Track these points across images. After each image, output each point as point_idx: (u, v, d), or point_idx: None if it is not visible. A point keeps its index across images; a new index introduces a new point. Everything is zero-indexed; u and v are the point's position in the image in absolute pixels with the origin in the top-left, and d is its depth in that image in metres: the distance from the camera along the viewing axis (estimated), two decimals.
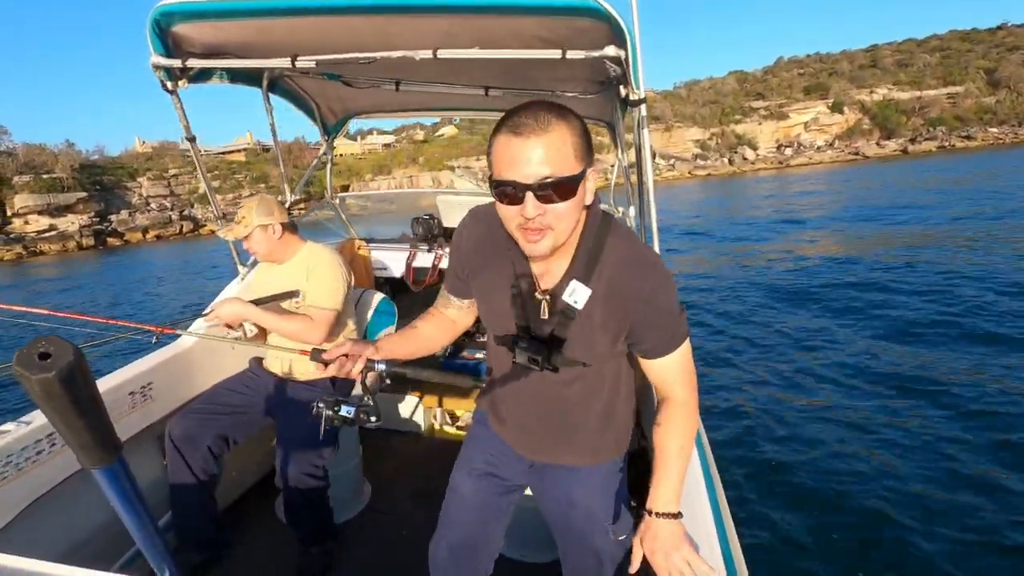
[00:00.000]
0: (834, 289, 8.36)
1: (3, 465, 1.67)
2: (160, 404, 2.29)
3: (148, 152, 57.51)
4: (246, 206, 2.21)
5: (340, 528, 2.38)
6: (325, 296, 2.19)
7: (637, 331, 1.21)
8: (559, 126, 1.02)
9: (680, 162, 58.71)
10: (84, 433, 0.59)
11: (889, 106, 62.25)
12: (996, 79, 61.89)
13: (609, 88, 2.15)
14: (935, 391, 4.76)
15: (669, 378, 1.25)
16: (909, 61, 69.15)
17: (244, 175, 54.12)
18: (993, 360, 5.22)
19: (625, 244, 1.20)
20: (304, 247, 2.32)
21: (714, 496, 1.37)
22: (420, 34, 1.76)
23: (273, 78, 2.52)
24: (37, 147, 47.75)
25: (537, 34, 1.69)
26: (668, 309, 1.18)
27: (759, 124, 62.81)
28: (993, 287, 7.47)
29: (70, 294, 17.64)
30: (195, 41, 1.92)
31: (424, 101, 3.02)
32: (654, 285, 1.16)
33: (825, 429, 4.28)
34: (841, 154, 58.38)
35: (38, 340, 0.54)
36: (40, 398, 0.54)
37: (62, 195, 44.23)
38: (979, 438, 3.98)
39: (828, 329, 6.57)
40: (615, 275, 1.17)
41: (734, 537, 1.28)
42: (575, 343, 1.24)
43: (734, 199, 29.08)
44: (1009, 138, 55.37)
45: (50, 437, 1.81)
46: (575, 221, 1.12)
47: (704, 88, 70.47)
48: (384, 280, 3.29)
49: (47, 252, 41.78)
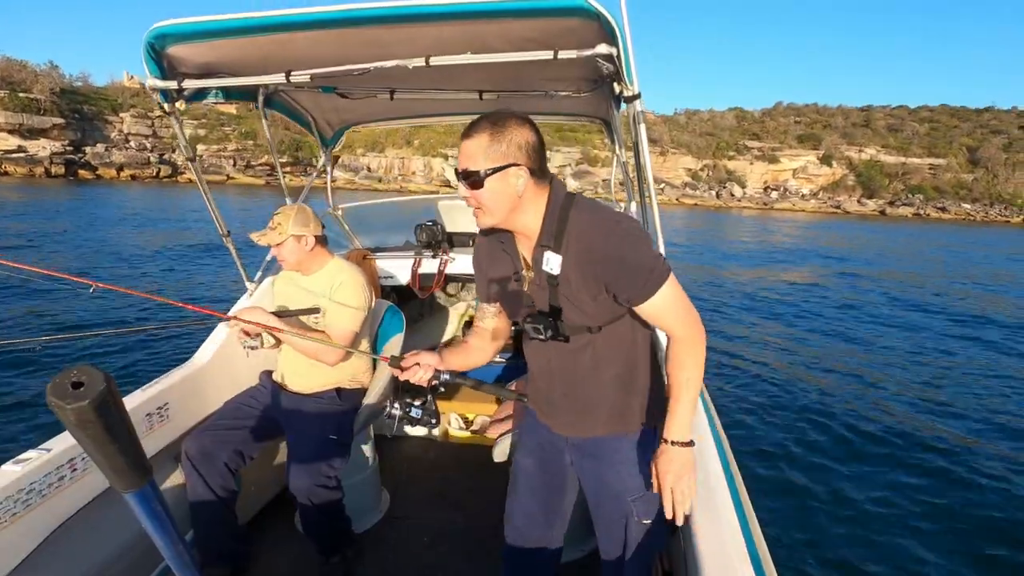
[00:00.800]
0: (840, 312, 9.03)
1: (27, 492, 1.68)
2: (176, 424, 2.31)
3: (135, 88, 55.39)
4: (283, 213, 2.19)
5: (360, 536, 2.38)
6: (346, 317, 2.19)
7: (613, 285, 1.31)
8: (479, 132, 1.28)
9: (670, 188, 59.63)
10: (117, 458, 0.61)
11: (875, 167, 64.45)
12: (976, 158, 64.68)
13: (603, 86, 2.16)
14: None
15: (662, 319, 1.35)
16: (899, 127, 71.71)
17: (233, 128, 52.65)
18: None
19: (587, 212, 1.33)
20: (331, 262, 2.32)
21: (735, 488, 1.45)
22: (412, 42, 1.78)
23: (269, 94, 2.51)
24: (17, 63, 45.54)
25: (528, 36, 1.70)
26: (634, 260, 1.28)
27: (751, 164, 64.26)
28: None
29: (22, 219, 16.83)
30: (190, 61, 1.93)
31: (419, 108, 3.03)
32: (615, 242, 1.28)
33: (811, 429, 4.62)
34: (824, 205, 60.19)
35: (69, 370, 0.56)
36: (75, 426, 0.56)
37: (37, 117, 42.32)
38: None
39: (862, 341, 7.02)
40: (580, 239, 1.30)
41: (756, 527, 1.34)
42: (568, 309, 1.37)
43: (723, 231, 29.69)
44: (979, 216, 58.00)
45: (71, 463, 1.81)
46: (505, 202, 1.32)
47: (703, 119, 71.77)
48: (390, 288, 3.29)
49: (11, 174, 39.95)
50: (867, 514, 3.48)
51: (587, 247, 1.30)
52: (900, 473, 4.03)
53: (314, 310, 2.20)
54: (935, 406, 5.45)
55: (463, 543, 2.39)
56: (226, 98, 2.27)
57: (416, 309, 3.88)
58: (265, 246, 2.24)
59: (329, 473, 2.10)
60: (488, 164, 1.27)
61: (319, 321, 2.22)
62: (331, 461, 2.11)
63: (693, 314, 1.35)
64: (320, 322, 2.22)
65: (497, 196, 1.30)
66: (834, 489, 3.77)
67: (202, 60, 1.93)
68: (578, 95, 2.51)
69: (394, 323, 2.62)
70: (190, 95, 2.05)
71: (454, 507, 2.62)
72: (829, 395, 5.61)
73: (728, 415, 4.85)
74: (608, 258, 1.28)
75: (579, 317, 1.38)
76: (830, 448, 4.34)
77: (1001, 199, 60.17)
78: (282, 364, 2.35)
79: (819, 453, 4.24)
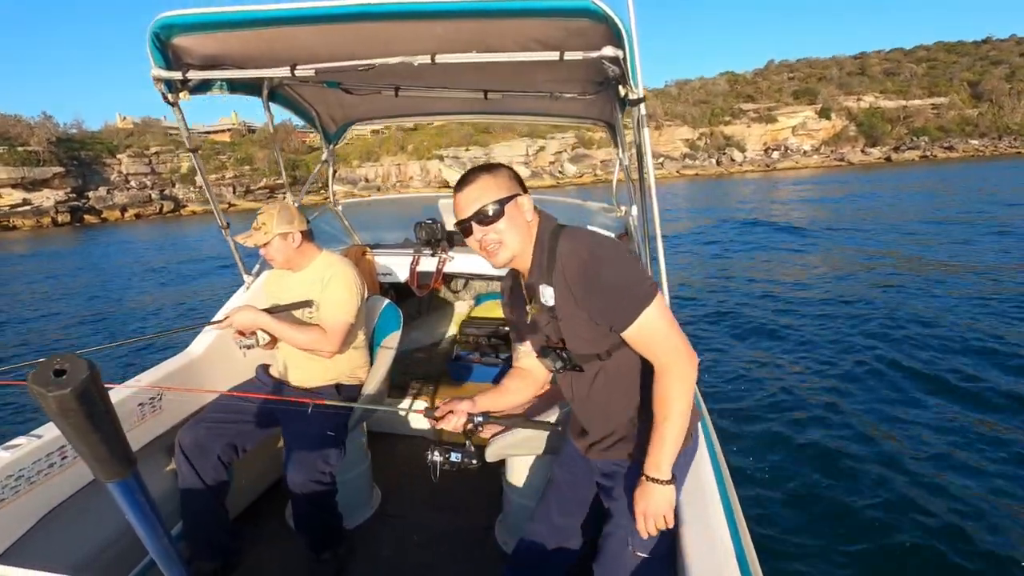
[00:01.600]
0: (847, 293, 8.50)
1: (16, 479, 1.68)
2: (169, 414, 2.30)
3: (129, 128, 56.14)
4: (266, 213, 2.19)
5: (350, 533, 2.38)
6: (340, 308, 2.19)
7: (593, 310, 1.32)
8: (475, 178, 1.36)
9: (669, 161, 58.99)
10: (100, 448, 0.60)
11: (875, 114, 63.20)
12: (979, 92, 63.18)
13: (608, 88, 2.16)
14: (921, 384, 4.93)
15: (647, 346, 1.31)
16: (896, 70, 70.20)
17: (228, 156, 53.09)
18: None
19: (571, 240, 1.34)
20: (320, 256, 2.32)
21: (726, 496, 1.43)
22: (418, 40, 1.76)
23: (273, 87, 2.51)
24: (12, 118, 46.29)
25: (534, 36, 1.70)
26: (613, 282, 1.28)
27: (748, 126, 63.33)
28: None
29: (45, 282, 17.08)
30: (195, 53, 1.93)
31: (424, 106, 3.04)
32: (589, 265, 1.29)
33: (820, 424, 4.38)
34: (827, 159, 59.18)
35: (53, 358, 0.55)
36: (56, 415, 0.55)
37: (37, 169, 43.00)
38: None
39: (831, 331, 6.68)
40: (564, 268, 1.32)
41: (746, 536, 1.34)
42: (570, 337, 1.40)
43: (724, 199, 29.31)
44: (989, 151, 56.67)
45: (61, 450, 1.82)
46: (521, 231, 1.36)
47: (695, 88, 70.79)
48: (388, 285, 3.29)
49: (20, 227, 40.66)
50: (868, 513, 3.34)
51: (568, 273, 1.31)
52: (904, 471, 3.81)
53: (307, 303, 2.20)
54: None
55: (454, 542, 2.38)
56: (230, 90, 2.25)
57: (414, 307, 3.88)
58: (252, 247, 2.23)
59: (325, 469, 2.09)
60: (499, 195, 1.34)
61: (313, 315, 2.21)
62: (328, 457, 2.10)
63: (680, 339, 1.31)
64: (314, 316, 2.21)
65: (514, 223, 1.35)
66: (832, 487, 3.63)
67: (207, 52, 1.93)
68: (582, 97, 2.52)
69: (392, 320, 2.62)
70: (194, 86, 2.04)
71: (445, 506, 2.62)
72: (832, 390, 5.31)
73: (718, 402, 4.73)
74: (588, 283, 1.29)
75: (582, 346, 1.40)
76: (831, 446, 4.14)
77: (1009, 130, 58.73)
78: (281, 358, 2.34)
79: (819, 451, 4.06)
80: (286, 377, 2.31)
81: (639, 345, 1.33)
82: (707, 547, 1.28)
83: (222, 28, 1.77)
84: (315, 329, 2.15)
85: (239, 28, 1.76)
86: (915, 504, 3.39)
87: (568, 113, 3.05)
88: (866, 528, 3.23)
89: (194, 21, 1.74)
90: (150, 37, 1.80)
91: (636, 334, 1.30)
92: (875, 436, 4.22)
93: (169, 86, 1.99)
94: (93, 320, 10.15)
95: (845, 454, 3.98)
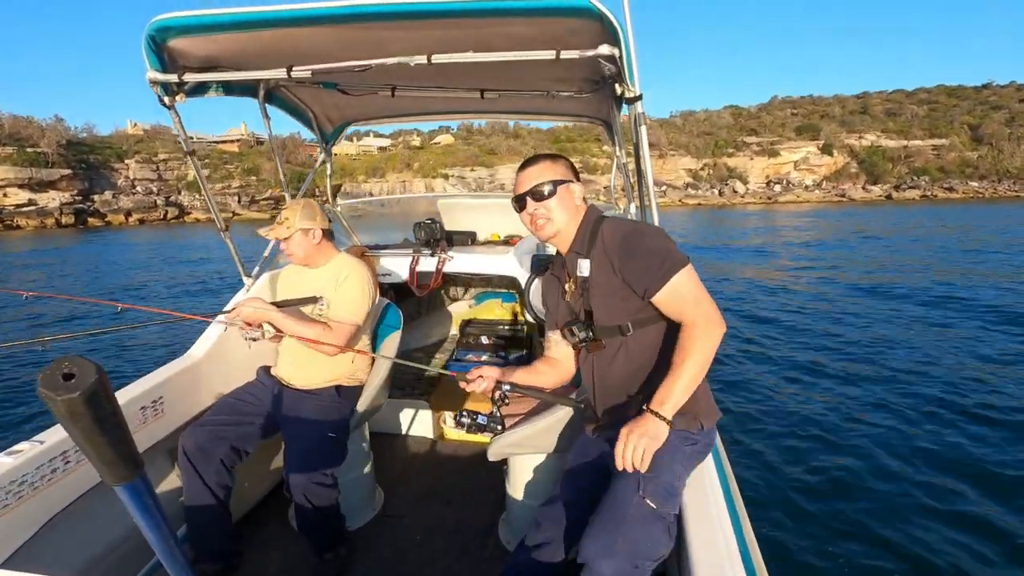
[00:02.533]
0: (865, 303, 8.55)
1: (19, 484, 1.68)
2: (171, 418, 2.29)
3: (139, 135, 56.74)
4: (290, 208, 2.20)
5: (353, 534, 2.38)
6: (350, 309, 2.19)
7: (628, 275, 1.43)
8: (539, 161, 1.59)
9: (672, 189, 59.58)
10: (108, 451, 0.60)
11: (877, 152, 64.05)
12: (979, 135, 64.09)
13: (605, 87, 2.15)
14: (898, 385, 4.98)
15: (679, 307, 1.40)
16: (898, 111, 71.37)
17: (235, 166, 53.54)
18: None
19: (614, 223, 1.52)
20: (339, 256, 2.33)
21: (727, 488, 1.45)
22: (414, 40, 1.77)
23: (269, 89, 2.52)
24: (24, 119, 46.80)
25: (530, 35, 1.70)
26: (646, 247, 1.42)
27: (751, 159, 64.12)
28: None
29: (42, 269, 17.12)
30: (191, 55, 1.92)
31: (421, 106, 3.05)
32: (633, 235, 1.45)
33: (818, 425, 4.41)
34: (828, 195, 59.77)
35: (61, 361, 0.55)
36: (65, 418, 0.55)
37: (45, 170, 43.31)
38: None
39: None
40: (606, 243, 1.48)
41: (748, 528, 1.35)
42: (599, 309, 1.51)
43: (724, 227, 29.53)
44: (988, 193, 57.25)
45: (64, 455, 1.81)
46: (568, 211, 1.56)
47: (700, 119, 71.90)
48: (388, 286, 3.28)
49: (24, 227, 40.78)
50: (866, 514, 3.33)
51: (611, 245, 1.46)
52: (910, 468, 3.84)
53: (315, 299, 2.21)
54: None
55: (456, 542, 2.35)
56: (227, 92, 2.25)
57: (414, 307, 3.88)
58: (273, 240, 2.22)
59: (327, 470, 2.09)
60: (555, 177, 1.54)
61: (322, 312, 2.22)
62: (329, 459, 2.10)
63: (711, 305, 1.38)
64: (324, 314, 2.21)
65: (563, 203, 1.55)
66: (832, 486, 3.63)
67: (203, 54, 1.93)
68: (579, 96, 2.51)
69: (392, 320, 2.62)
70: (190, 89, 2.04)
71: (448, 506, 2.59)
72: (833, 390, 5.40)
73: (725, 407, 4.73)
74: (624, 247, 1.43)
75: (609, 317, 1.50)
76: (831, 444, 4.18)
77: (1009, 174, 59.40)
78: (281, 359, 2.34)
79: (820, 450, 4.09)
80: (287, 378, 2.31)
81: (670, 307, 1.41)
82: (710, 540, 1.27)
83: (218, 30, 1.77)
84: (322, 326, 2.15)
85: (235, 30, 1.76)
86: (915, 504, 3.42)
87: (565, 112, 3.05)
88: (867, 525, 3.24)
89: (189, 23, 1.74)
90: (145, 40, 1.80)
91: (668, 296, 1.39)
92: (875, 437, 4.21)
93: (165, 89, 1.98)
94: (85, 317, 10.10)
95: (846, 455, 4.02)
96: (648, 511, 1.32)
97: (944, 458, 3.95)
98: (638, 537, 1.28)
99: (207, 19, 1.72)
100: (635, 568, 1.26)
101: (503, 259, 2.98)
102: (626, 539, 1.27)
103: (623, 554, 1.26)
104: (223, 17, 1.70)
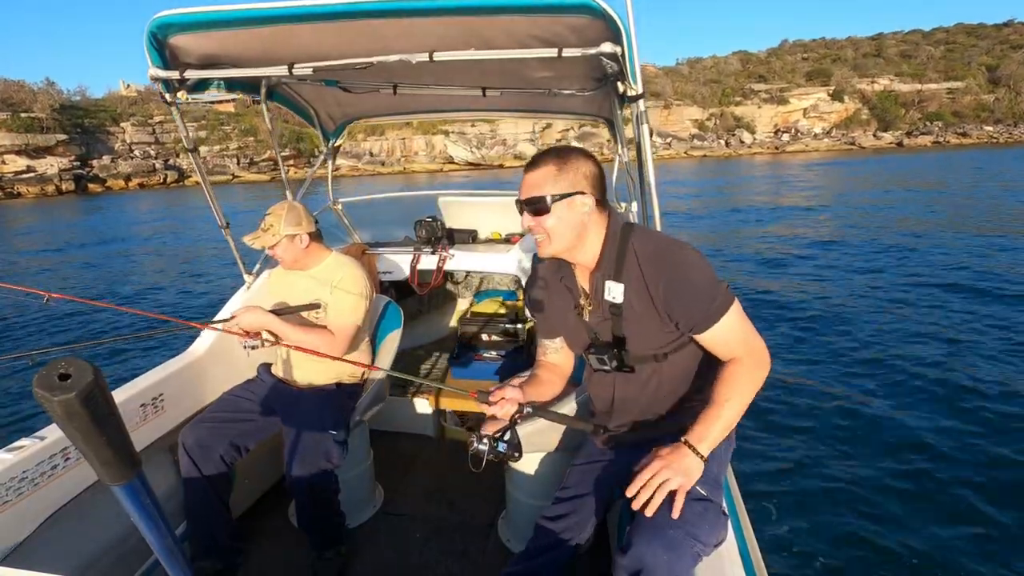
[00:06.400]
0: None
1: (19, 480, 1.69)
2: (171, 415, 2.30)
3: (133, 96, 55.53)
4: (274, 214, 2.16)
5: (353, 532, 2.40)
6: (348, 312, 2.19)
7: (674, 311, 1.32)
8: (545, 163, 1.37)
9: (677, 141, 58.28)
10: (105, 450, 0.60)
11: (889, 97, 62.07)
12: (996, 76, 61.84)
13: (607, 84, 2.14)
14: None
15: (725, 345, 1.33)
16: (913, 52, 68.69)
17: (232, 127, 52.62)
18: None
19: (647, 240, 1.36)
20: (330, 256, 2.31)
21: (727, 486, 1.43)
22: (416, 37, 1.76)
23: (271, 86, 2.49)
24: (15, 83, 45.90)
25: (533, 33, 1.70)
26: (696, 284, 1.30)
27: (759, 107, 62.32)
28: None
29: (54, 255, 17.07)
30: (192, 52, 1.92)
31: (422, 103, 3.03)
32: (675, 266, 1.30)
33: (827, 418, 4.36)
34: (837, 143, 58.36)
35: (57, 362, 0.55)
36: (62, 419, 0.55)
37: (41, 136, 42.78)
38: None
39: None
40: (643, 267, 1.33)
41: (748, 527, 1.35)
42: (633, 338, 1.39)
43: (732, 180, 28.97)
44: (1003, 138, 55.71)
45: (64, 452, 1.82)
46: (571, 230, 1.36)
47: (707, 66, 69.53)
48: (389, 284, 3.29)
49: (25, 195, 40.65)
50: (866, 514, 3.31)
51: (650, 273, 1.32)
52: (915, 463, 3.75)
53: (314, 306, 2.20)
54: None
55: (456, 539, 2.39)
56: (228, 89, 2.24)
57: (415, 305, 3.89)
58: (260, 249, 2.22)
59: (327, 468, 2.09)
60: (555, 191, 1.34)
61: (320, 317, 2.21)
62: (330, 456, 2.10)
63: (759, 343, 1.33)
64: (321, 317, 2.21)
65: (563, 223, 1.36)
66: (832, 485, 3.57)
67: (204, 51, 1.93)
68: (581, 93, 2.50)
69: (393, 318, 2.62)
70: (192, 86, 2.04)
71: (448, 503, 2.63)
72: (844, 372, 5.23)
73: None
74: (672, 284, 1.30)
75: (644, 346, 1.39)
76: (832, 444, 4.08)
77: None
78: (282, 357, 2.34)
79: (819, 450, 4.00)
80: (288, 376, 2.31)
81: (716, 346, 1.34)
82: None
83: (219, 27, 1.76)
84: (321, 332, 2.15)
85: (236, 27, 1.75)
86: (920, 503, 3.36)
87: (567, 109, 3.04)
88: (867, 524, 3.21)
89: (191, 20, 1.74)
90: (147, 36, 1.79)
91: (716, 337, 1.32)
92: (874, 433, 4.20)
93: (167, 86, 1.98)
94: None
95: (848, 454, 3.96)
96: (699, 496, 1.28)
97: (957, 459, 3.80)
98: (694, 520, 1.22)
99: (209, 16, 1.71)
100: (694, 551, 1.20)
101: (504, 257, 2.97)
102: (683, 520, 1.21)
103: (679, 535, 1.19)
104: (224, 14, 1.69)
